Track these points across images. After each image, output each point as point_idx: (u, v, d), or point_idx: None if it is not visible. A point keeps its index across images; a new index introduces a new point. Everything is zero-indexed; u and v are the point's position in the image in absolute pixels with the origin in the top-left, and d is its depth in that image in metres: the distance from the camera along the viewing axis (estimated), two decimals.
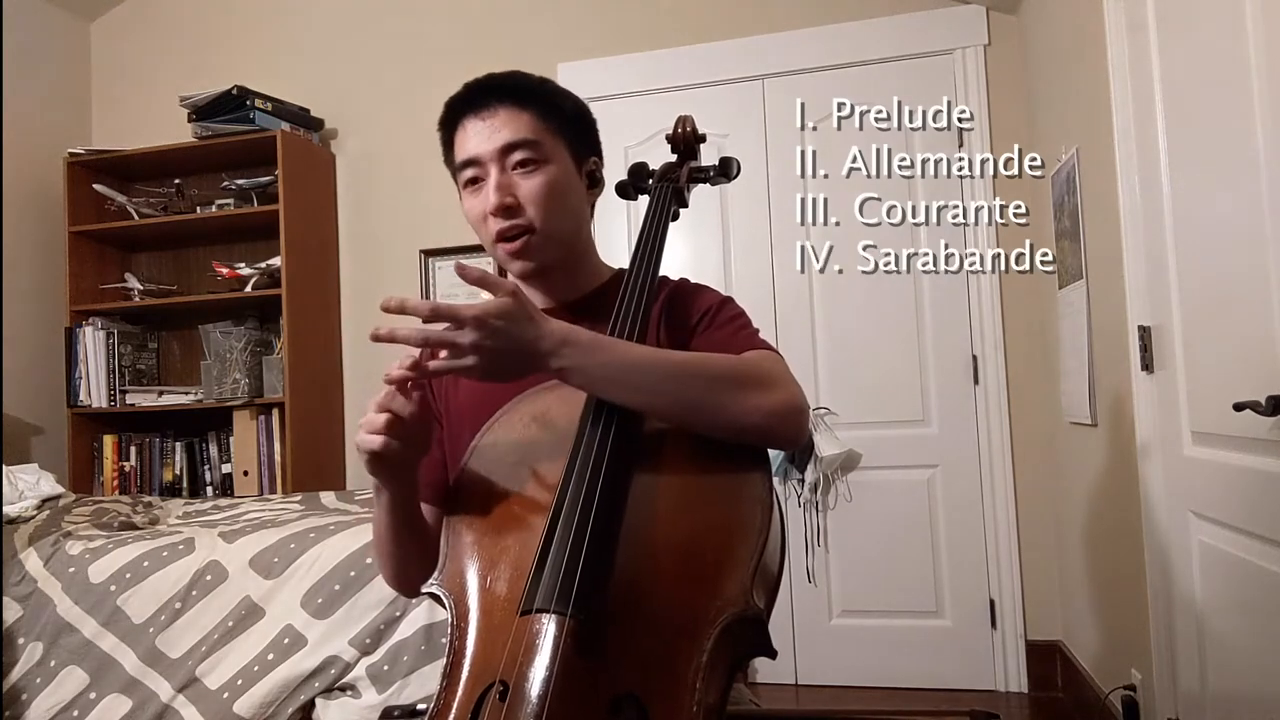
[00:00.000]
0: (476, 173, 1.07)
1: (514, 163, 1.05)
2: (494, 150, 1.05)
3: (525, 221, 1.05)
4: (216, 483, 3.23)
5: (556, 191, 1.07)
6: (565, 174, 1.09)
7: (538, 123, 1.07)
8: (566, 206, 1.09)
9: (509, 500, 0.95)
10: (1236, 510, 1.54)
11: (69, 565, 2.11)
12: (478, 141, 1.06)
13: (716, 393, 0.90)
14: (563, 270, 1.12)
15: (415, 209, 3.29)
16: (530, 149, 1.06)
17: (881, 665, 2.92)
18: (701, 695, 0.79)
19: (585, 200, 1.14)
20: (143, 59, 3.61)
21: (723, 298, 1.15)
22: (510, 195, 1.05)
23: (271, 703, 1.93)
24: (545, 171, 1.06)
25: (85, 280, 3.31)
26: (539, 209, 1.05)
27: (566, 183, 1.09)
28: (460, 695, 0.84)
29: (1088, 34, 2.17)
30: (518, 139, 1.05)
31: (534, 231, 1.06)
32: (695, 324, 1.09)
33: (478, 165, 1.06)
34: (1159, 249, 1.82)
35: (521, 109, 1.07)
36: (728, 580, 0.84)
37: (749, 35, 3.09)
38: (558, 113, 1.10)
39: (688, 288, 1.17)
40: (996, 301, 2.91)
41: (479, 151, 1.06)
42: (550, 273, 1.11)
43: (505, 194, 1.04)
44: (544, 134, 1.07)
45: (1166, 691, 1.91)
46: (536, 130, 1.06)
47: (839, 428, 2.96)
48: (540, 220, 1.06)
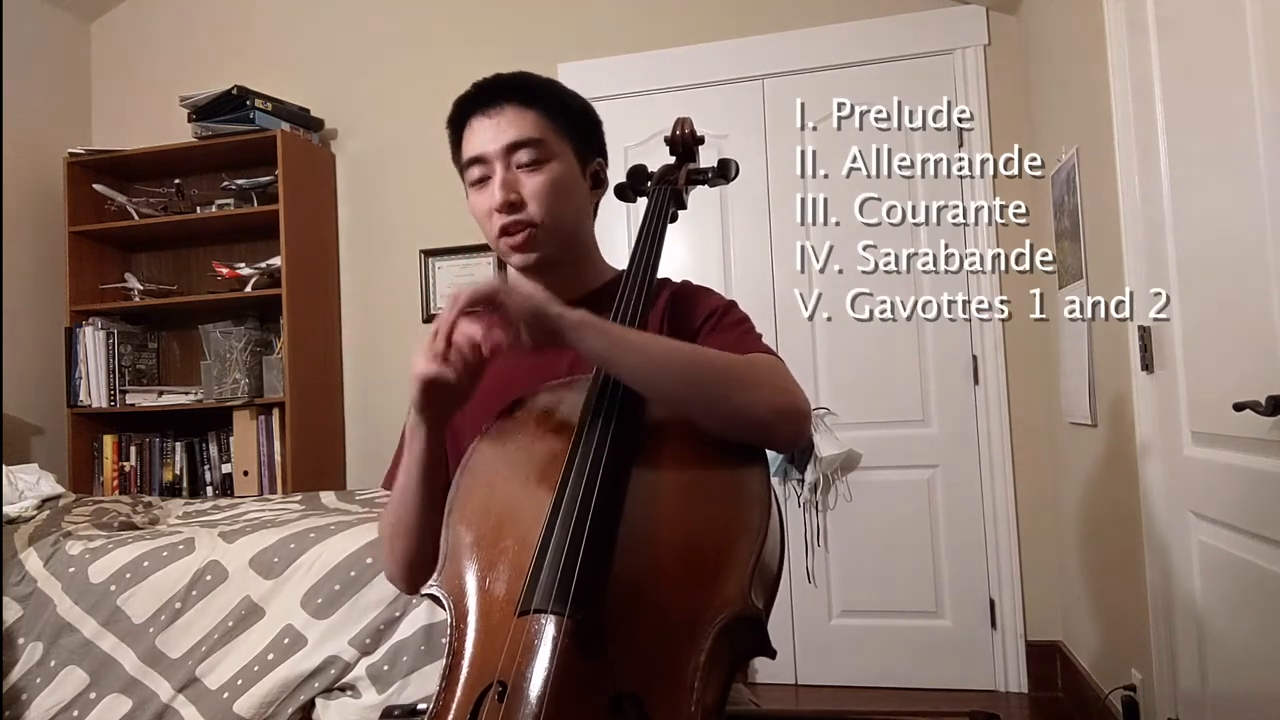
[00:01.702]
0: (483, 170, 1.09)
1: (519, 161, 1.07)
2: (500, 148, 1.07)
3: (528, 217, 1.07)
4: (216, 483, 3.24)
5: (560, 189, 1.08)
6: (569, 172, 1.10)
7: (543, 122, 1.09)
8: (569, 204, 1.10)
9: (508, 501, 0.96)
10: (1236, 510, 1.54)
11: (69, 565, 2.11)
12: (484, 139, 1.08)
13: (724, 383, 0.92)
14: (564, 267, 1.13)
15: (415, 209, 3.30)
16: (535, 147, 1.07)
17: (881, 665, 2.92)
18: (700, 694, 0.79)
19: (589, 200, 1.16)
20: (143, 59, 3.61)
21: (727, 301, 1.16)
22: (515, 192, 1.06)
23: (271, 703, 1.93)
24: (549, 169, 1.08)
25: (85, 280, 3.31)
26: (542, 205, 1.07)
27: (570, 181, 1.10)
28: (459, 696, 0.84)
29: (1088, 34, 2.17)
30: (523, 137, 1.07)
31: (537, 226, 1.07)
32: (700, 325, 1.11)
33: (484, 163, 1.08)
34: (1159, 249, 1.82)
35: (528, 108, 1.08)
36: (726, 580, 0.84)
37: (749, 35, 3.09)
38: (564, 113, 1.12)
39: (691, 289, 1.18)
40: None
41: (485, 149, 1.08)
42: (552, 268, 1.12)
43: (510, 191, 1.06)
44: (549, 133, 1.09)
45: (1166, 691, 1.91)
46: (542, 129, 1.08)
47: (839, 428, 2.96)
48: (543, 216, 1.07)
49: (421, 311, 3.30)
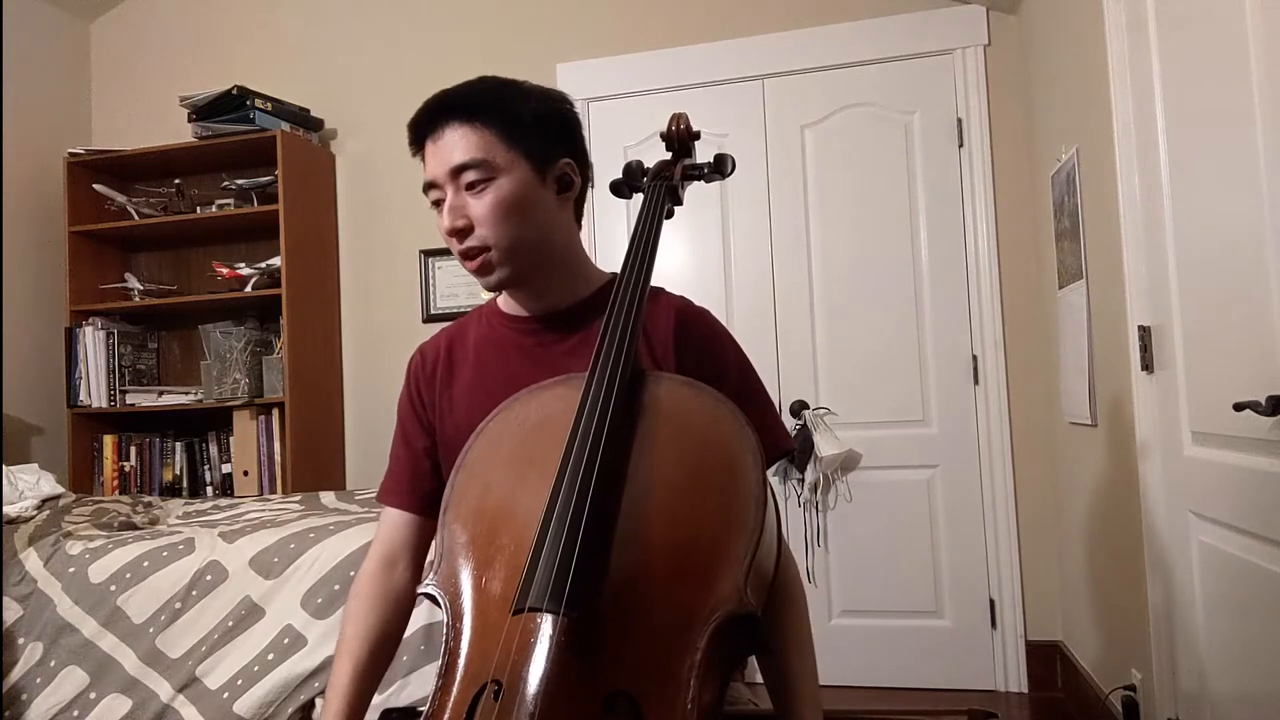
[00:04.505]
0: (437, 194, 1.08)
1: (465, 183, 1.05)
2: (445, 173, 1.06)
3: (480, 242, 1.06)
4: (216, 483, 3.24)
5: (509, 206, 1.05)
6: (521, 186, 1.06)
7: (489, 137, 1.05)
8: (525, 219, 1.07)
9: (504, 499, 0.95)
10: (1236, 510, 1.53)
11: (69, 565, 2.11)
12: (433, 165, 1.07)
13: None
14: (541, 279, 1.12)
15: (415, 209, 3.30)
16: (478, 169, 1.04)
17: (881, 665, 2.92)
18: (696, 693, 0.79)
19: (555, 207, 1.11)
20: (143, 59, 3.62)
21: (741, 353, 1.16)
22: (462, 217, 1.05)
23: (271, 703, 1.93)
24: (496, 188, 1.05)
25: (85, 280, 3.31)
26: (490, 228, 1.05)
27: (523, 195, 1.06)
28: (455, 695, 0.84)
29: (1088, 34, 2.17)
30: (465, 160, 1.04)
31: (489, 249, 1.06)
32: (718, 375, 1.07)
33: (436, 188, 1.07)
34: (1159, 249, 1.82)
35: (469, 127, 1.05)
36: (722, 578, 0.84)
37: (749, 35, 3.09)
38: (513, 122, 1.06)
39: (706, 321, 1.17)
40: (996, 301, 2.91)
41: (434, 175, 1.07)
42: (526, 283, 1.12)
43: (457, 216, 1.05)
44: (495, 148, 1.05)
45: (1166, 691, 1.91)
46: (485, 147, 1.05)
47: (839, 428, 2.96)
48: (495, 238, 1.05)
49: (421, 311, 3.30)
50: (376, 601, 1.15)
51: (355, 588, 1.17)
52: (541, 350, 1.13)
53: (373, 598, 1.15)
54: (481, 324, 1.20)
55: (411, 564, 1.18)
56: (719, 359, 1.12)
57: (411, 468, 1.18)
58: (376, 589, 1.16)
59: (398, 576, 1.17)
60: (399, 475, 1.19)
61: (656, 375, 1.00)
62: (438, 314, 3.28)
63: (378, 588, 1.16)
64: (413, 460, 1.18)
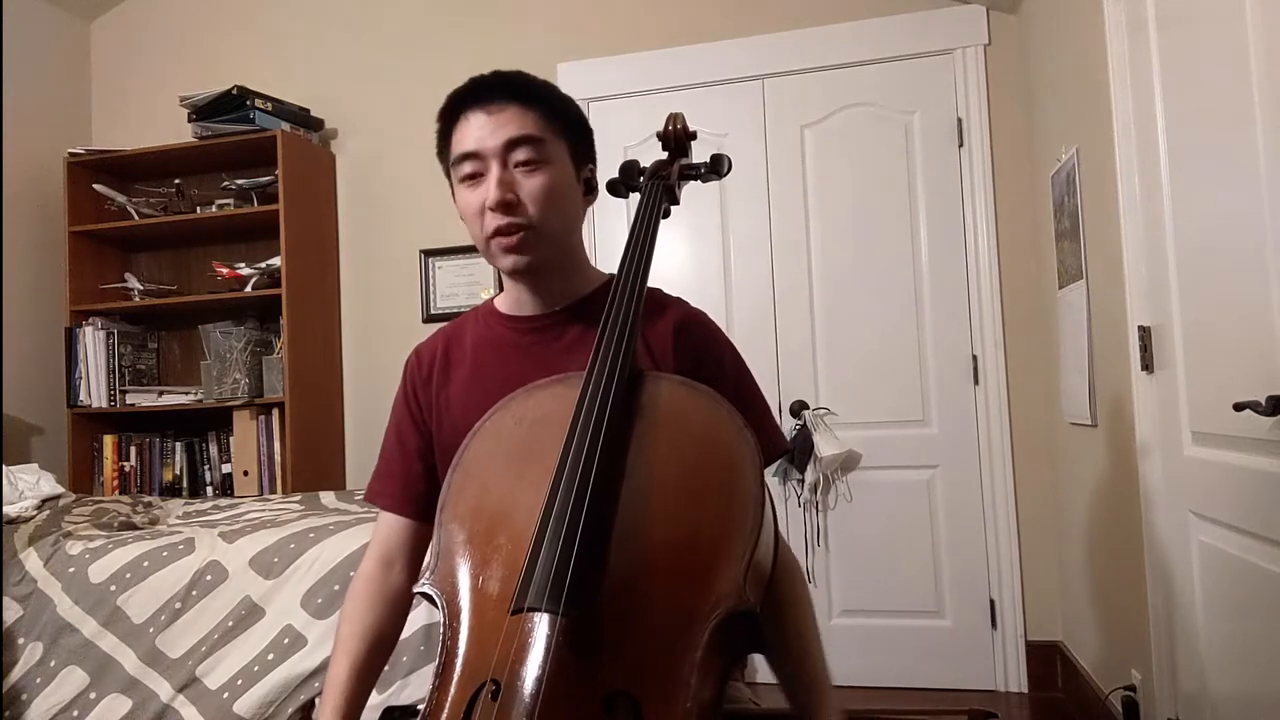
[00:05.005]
0: (476, 167, 1.06)
1: (517, 160, 1.05)
2: (498, 145, 1.05)
3: (524, 219, 1.05)
4: (216, 483, 3.24)
5: (556, 192, 1.06)
6: (565, 176, 1.09)
7: (543, 122, 1.07)
8: (564, 209, 1.09)
9: (501, 498, 0.95)
10: (1236, 510, 1.53)
11: (69, 565, 2.11)
12: (481, 135, 1.05)
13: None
14: (554, 272, 1.12)
15: (415, 209, 3.30)
16: (534, 147, 1.05)
17: (881, 665, 2.91)
18: (696, 692, 0.79)
19: (581, 206, 1.14)
20: (143, 59, 3.62)
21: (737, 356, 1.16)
22: (512, 192, 1.04)
23: (272, 703, 1.93)
24: (548, 171, 1.06)
25: (85, 280, 3.31)
26: (539, 208, 1.05)
27: (566, 185, 1.09)
28: (453, 695, 0.84)
29: (1088, 34, 2.16)
30: (524, 134, 1.05)
31: (533, 229, 1.05)
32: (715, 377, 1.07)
33: (478, 159, 1.06)
34: (1159, 249, 1.82)
35: (528, 107, 1.06)
36: (721, 576, 0.84)
37: (749, 35, 3.09)
38: (562, 116, 1.10)
39: (706, 325, 1.17)
40: (996, 301, 2.91)
41: (482, 146, 1.05)
42: (541, 273, 1.11)
43: (507, 190, 1.04)
44: (548, 134, 1.07)
45: (1166, 691, 1.91)
46: (542, 129, 1.06)
47: (839, 428, 2.96)
48: (539, 219, 1.05)
49: (421, 311, 3.30)
50: (374, 602, 1.15)
51: (352, 589, 1.17)
52: (539, 349, 1.13)
53: (370, 598, 1.15)
54: (478, 324, 1.20)
55: (408, 565, 1.17)
56: (716, 361, 1.13)
57: (404, 469, 1.18)
58: (373, 590, 1.16)
59: (395, 577, 1.17)
60: (391, 476, 1.19)
61: (655, 375, 1.00)
62: (438, 314, 3.28)
63: (375, 588, 1.16)
64: (405, 461, 1.18)
